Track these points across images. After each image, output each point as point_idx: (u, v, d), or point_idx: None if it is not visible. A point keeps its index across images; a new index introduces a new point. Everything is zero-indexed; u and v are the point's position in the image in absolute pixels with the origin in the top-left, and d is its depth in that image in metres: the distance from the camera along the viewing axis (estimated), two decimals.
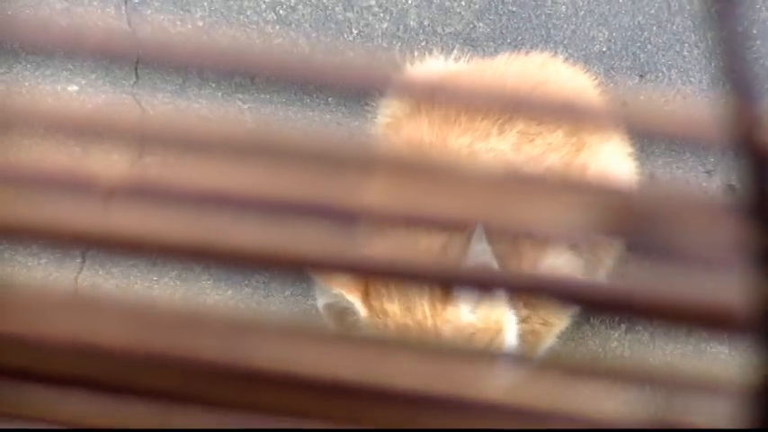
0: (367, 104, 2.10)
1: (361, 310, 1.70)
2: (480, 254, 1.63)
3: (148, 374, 0.80)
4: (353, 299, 1.69)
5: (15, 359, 0.81)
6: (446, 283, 0.78)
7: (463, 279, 0.76)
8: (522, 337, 1.84)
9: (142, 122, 0.84)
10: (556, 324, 1.95)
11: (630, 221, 0.71)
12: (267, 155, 0.79)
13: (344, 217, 0.77)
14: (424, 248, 1.63)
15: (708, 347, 1.92)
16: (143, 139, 0.82)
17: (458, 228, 0.98)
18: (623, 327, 2.08)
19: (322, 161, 0.77)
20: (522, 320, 1.84)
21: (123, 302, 0.81)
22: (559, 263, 1.88)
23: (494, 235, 0.83)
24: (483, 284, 0.78)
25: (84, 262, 2.15)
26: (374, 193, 0.79)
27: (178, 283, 2.11)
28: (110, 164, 0.82)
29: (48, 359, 0.81)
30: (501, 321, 1.75)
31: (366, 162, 0.79)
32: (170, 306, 0.81)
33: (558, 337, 1.98)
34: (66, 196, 0.84)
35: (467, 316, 1.71)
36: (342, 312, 1.71)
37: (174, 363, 0.79)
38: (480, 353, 0.80)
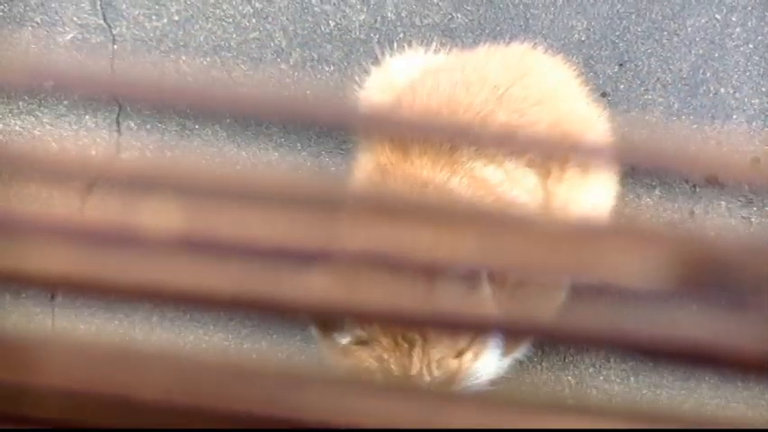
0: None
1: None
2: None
3: (193, 427, 0.79)
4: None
5: (57, 411, 0.80)
6: (432, 324, 0.77)
7: (447, 320, 0.76)
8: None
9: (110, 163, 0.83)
10: None
11: (708, 270, 0.70)
12: (244, 197, 0.78)
13: (325, 257, 0.77)
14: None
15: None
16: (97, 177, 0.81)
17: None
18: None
19: (307, 204, 0.76)
20: None
21: (168, 355, 0.80)
22: None
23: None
24: (471, 326, 0.77)
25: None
26: (356, 233, 0.78)
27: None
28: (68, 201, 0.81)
29: (92, 412, 0.79)
30: None
31: (342, 202, 0.78)
32: (217, 359, 0.80)
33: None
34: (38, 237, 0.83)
35: None
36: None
37: (220, 415, 0.78)
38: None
